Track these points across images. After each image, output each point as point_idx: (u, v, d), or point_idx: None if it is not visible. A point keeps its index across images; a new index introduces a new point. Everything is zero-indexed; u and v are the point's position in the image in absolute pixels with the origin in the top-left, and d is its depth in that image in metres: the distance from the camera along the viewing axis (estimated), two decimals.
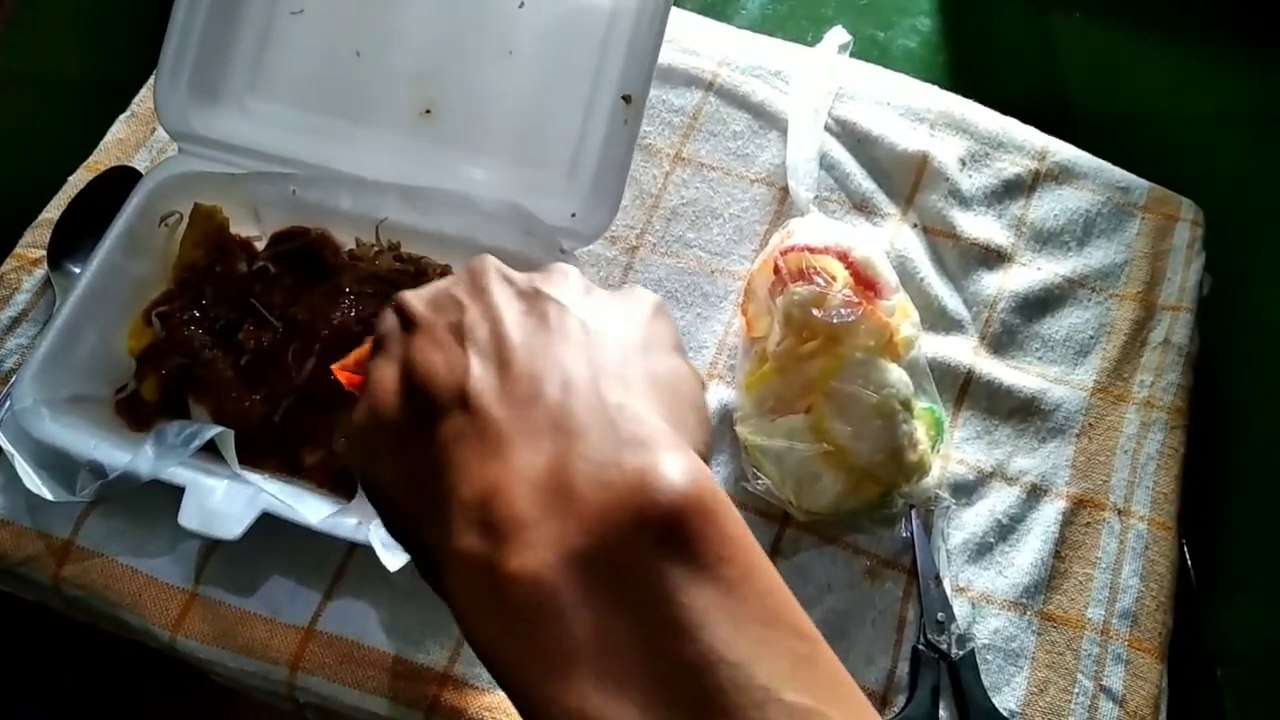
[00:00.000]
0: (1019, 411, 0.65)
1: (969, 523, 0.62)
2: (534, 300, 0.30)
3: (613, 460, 0.25)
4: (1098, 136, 0.76)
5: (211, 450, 0.55)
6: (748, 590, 0.23)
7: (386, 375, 0.30)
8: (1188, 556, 0.65)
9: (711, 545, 0.24)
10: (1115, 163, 0.74)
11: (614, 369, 0.28)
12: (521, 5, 0.63)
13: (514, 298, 0.31)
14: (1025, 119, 0.75)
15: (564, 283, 0.32)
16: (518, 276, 0.32)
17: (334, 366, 0.38)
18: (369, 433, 0.30)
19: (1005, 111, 0.75)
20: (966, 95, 0.76)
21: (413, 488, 0.28)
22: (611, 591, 0.23)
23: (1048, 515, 0.62)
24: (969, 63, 0.86)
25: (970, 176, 0.72)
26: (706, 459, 0.28)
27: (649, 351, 0.30)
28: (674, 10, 0.62)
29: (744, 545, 0.24)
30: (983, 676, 0.57)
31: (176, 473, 0.54)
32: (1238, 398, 0.71)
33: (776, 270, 0.61)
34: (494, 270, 0.32)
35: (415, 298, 0.32)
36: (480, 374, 0.28)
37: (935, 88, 0.76)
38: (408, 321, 0.31)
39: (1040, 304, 0.69)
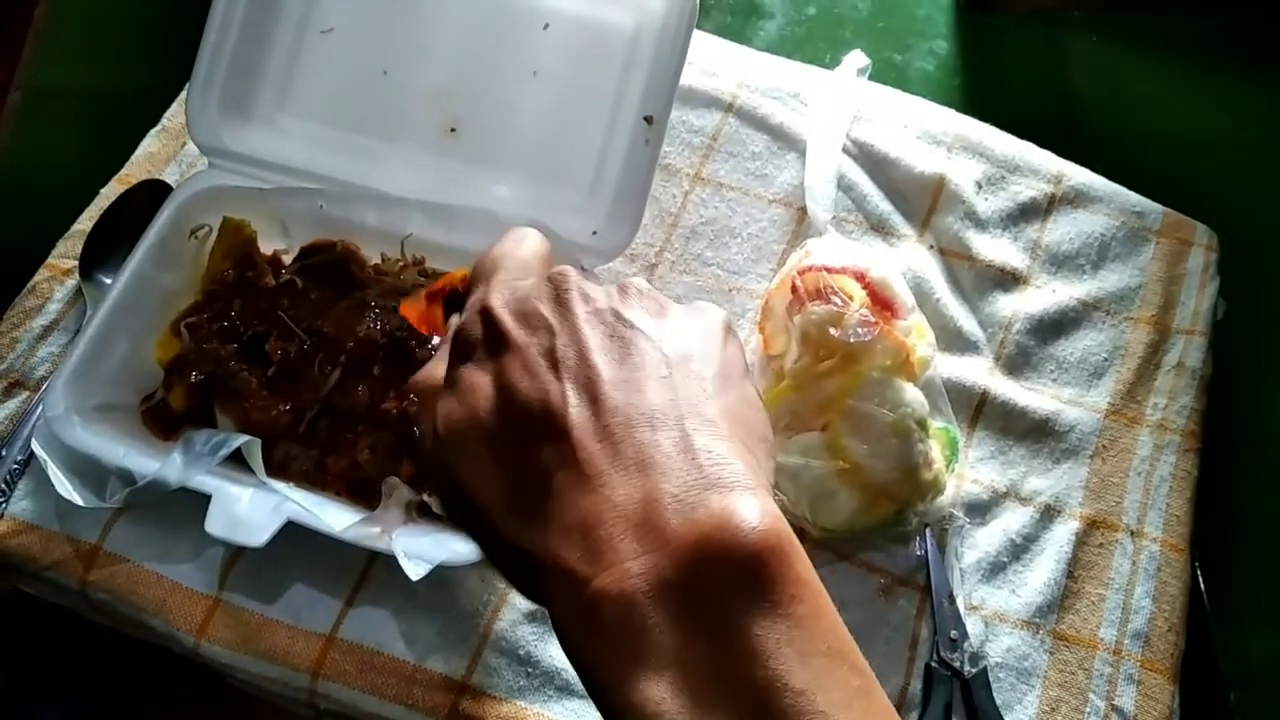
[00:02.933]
0: (1033, 432, 0.66)
1: (983, 542, 0.62)
2: (615, 326, 0.32)
3: (700, 500, 0.27)
4: (1113, 161, 0.77)
5: (238, 459, 0.56)
6: (814, 627, 0.26)
7: (481, 384, 0.32)
8: (1201, 580, 0.66)
9: (785, 585, 0.26)
10: (1130, 187, 0.75)
11: (695, 405, 0.30)
12: (546, 26, 0.64)
13: (597, 322, 0.32)
14: (1041, 143, 0.76)
15: (640, 304, 0.33)
16: (597, 295, 0.33)
17: (403, 306, 0.39)
18: (463, 435, 0.31)
19: (1021, 135, 0.76)
20: (983, 119, 0.77)
21: (508, 495, 0.30)
22: (693, 618, 0.26)
23: (1061, 536, 0.62)
24: (986, 86, 0.87)
25: (986, 199, 0.73)
26: (770, 484, 0.31)
27: (725, 383, 0.32)
28: (694, 32, 0.63)
29: (813, 586, 0.27)
30: (995, 695, 0.57)
31: (203, 481, 0.55)
32: (1252, 421, 0.72)
33: (794, 289, 0.62)
34: (576, 288, 0.33)
35: (505, 312, 0.33)
36: (576, 408, 0.30)
37: (952, 111, 0.77)
38: (498, 337, 0.32)
39: (1055, 326, 0.69)
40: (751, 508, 0.27)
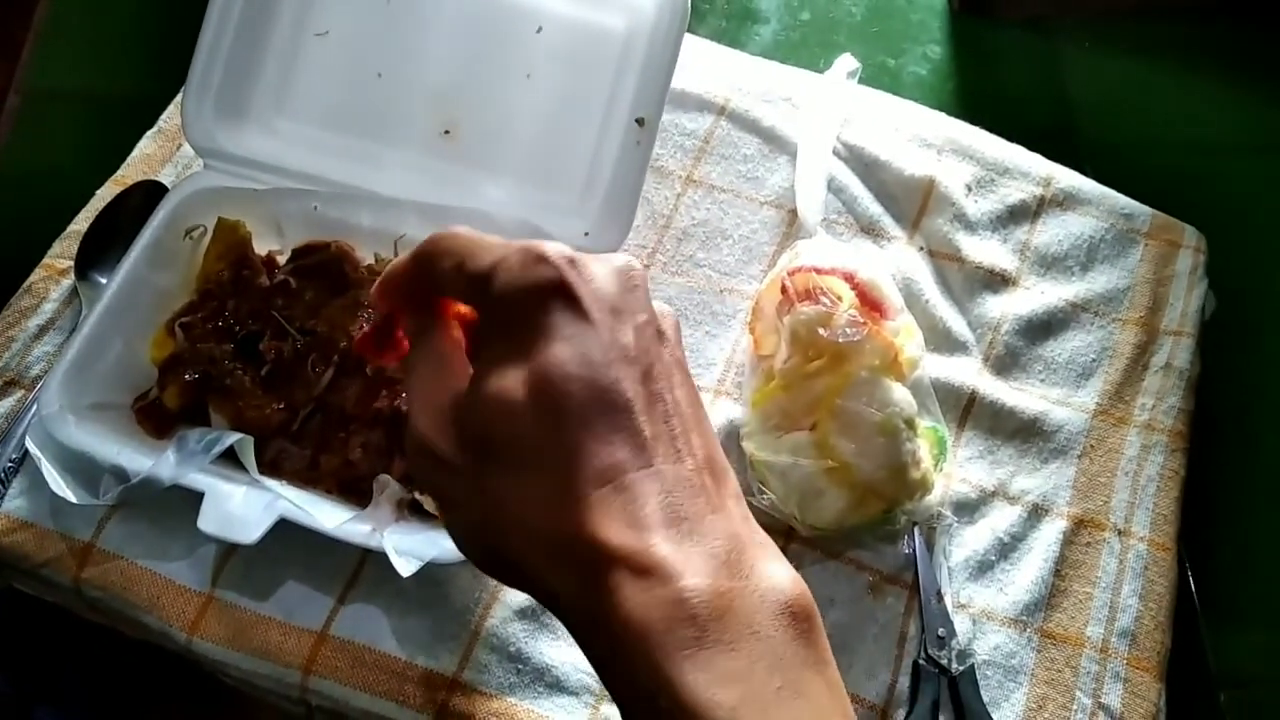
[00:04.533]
0: (1021, 432, 0.66)
1: (971, 540, 0.63)
2: (684, 378, 0.33)
3: (751, 556, 0.30)
4: (1102, 164, 0.78)
5: (231, 457, 0.56)
6: (837, 692, 0.30)
7: (573, 376, 0.31)
8: (1191, 580, 0.66)
9: (819, 650, 0.30)
10: (1119, 190, 0.75)
11: (721, 469, 0.33)
12: (539, 30, 0.64)
13: (677, 368, 0.33)
14: (1031, 146, 0.77)
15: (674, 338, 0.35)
16: (668, 331, 0.34)
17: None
18: (555, 408, 0.30)
19: (1012, 139, 0.77)
20: (976, 123, 0.77)
21: (560, 499, 0.30)
22: (757, 649, 0.28)
23: (1049, 534, 0.63)
24: (979, 91, 0.87)
25: (976, 201, 0.73)
26: None
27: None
28: (687, 37, 0.63)
29: (831, 656, 0.30)
30: (982, 692, 0.58)
31: (196, 478, 0.55)
32: (1238, 421, 0.72)
33: (784, 290, 0.62)
34: (655, 318, 0.34)
35: (594, 297, 0.32)
36: (667, 460, 0.31)
37: (942, 114, 0.78)
38: (611, 337, 0.31)
39: (1043, 327, 0.70)
40: (787, 575, 0.30)
